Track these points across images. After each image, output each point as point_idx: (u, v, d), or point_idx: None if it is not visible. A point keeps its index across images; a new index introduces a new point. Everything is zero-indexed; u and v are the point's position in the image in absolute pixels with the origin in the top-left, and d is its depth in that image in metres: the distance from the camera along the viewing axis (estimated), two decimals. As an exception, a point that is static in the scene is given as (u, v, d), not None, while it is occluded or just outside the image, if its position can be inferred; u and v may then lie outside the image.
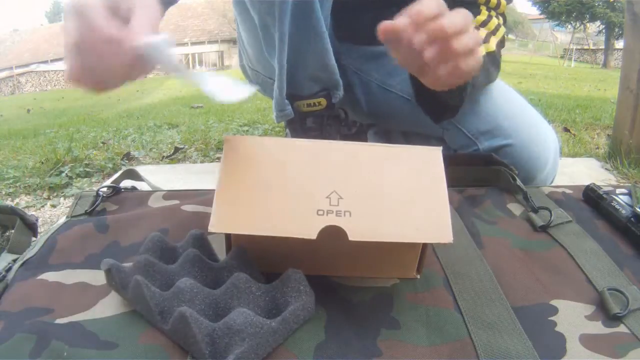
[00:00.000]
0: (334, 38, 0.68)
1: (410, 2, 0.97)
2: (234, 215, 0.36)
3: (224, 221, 0.36)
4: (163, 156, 1.40)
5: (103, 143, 1.65)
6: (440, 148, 0.40)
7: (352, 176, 0.38)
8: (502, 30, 0.66)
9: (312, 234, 0.35)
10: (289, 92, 0.71)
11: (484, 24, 0.64)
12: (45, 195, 1.13)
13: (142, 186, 0.65)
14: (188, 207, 0.54)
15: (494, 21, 0.65)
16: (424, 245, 0.41)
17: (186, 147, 1.48)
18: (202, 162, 1.34)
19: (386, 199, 0.37)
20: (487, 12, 0.65)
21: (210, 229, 0.36)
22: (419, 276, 0.42)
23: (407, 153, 0.39)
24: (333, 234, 0.35)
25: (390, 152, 0.39)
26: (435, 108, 0.62)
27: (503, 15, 0.67)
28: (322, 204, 0.36)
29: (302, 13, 0.62)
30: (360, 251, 0.38)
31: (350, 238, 0.35)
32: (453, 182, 0.57)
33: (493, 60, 0.63)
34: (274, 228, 0.35)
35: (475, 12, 0.64)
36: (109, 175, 1.24)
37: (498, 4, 0.65)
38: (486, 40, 0.62)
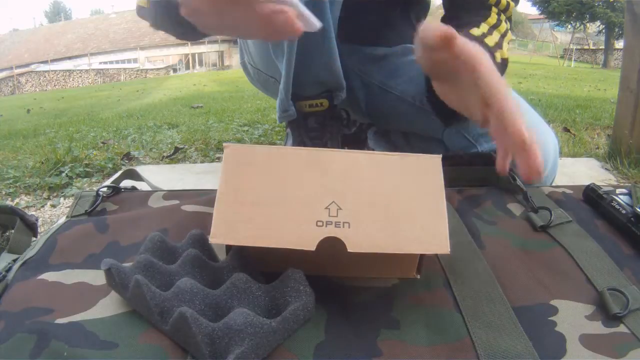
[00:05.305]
0: (337, 39, 0.67)
1: (414, 3, 0.96)
2: (234, 226, 0.36)
3: (224, 232, 0.36)
4: (163, 156, 1.40)
5: (103, 143, 1.65)
6: (440, 156, 0.40)
7: (351, 186, 0.38)
8: (510, 35, 0.66)
9: (312, 246, 0.35)
10: (292, 93, 0.72)
11: (494, 26, 0.63)
12: (45, 195, 1.13)
13: (142, 186, 0.65)
14: (188, 207, 0.54)
15: (504, 25, 0.64)
16: None
17: (186, 147, 1.48)
18: (202, 162, 1.34)
19: (385, 209, 0.37)
20: (496, 16, 0.64)
21: (211, 240, 0.36)
22: (419, 276, 0.42)
23: (406, 162, 0.39)
24: (332, 245, 0.35)
25: (390, 160, 0.39)
26: (447, 112, 0.61)
27: (509, 19, 0.67)
28: (321, 214, 0.36)
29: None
30: (362, 255, 0.38)
31: (349, 249, 0.35)
32: (453, 182, 0.57)
33: (504, 67, 0.62)
34: (273, 239, 0.36)
35: (486, 13, 0.63)
36: (109, 175, 1.24)
37: (507, 7, 0.65)
38: (500, 46, 0.61)
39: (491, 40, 0.60)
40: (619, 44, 14.43)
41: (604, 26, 15.61)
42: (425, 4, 0.93)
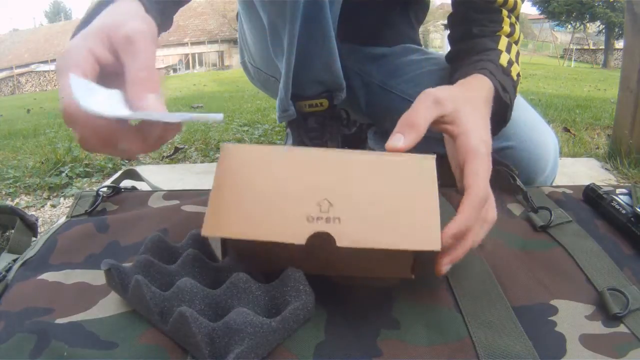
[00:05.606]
0: (336, 39, 0.67)
1: (413, 3, 0.95)
2: (226, 220, 0.37)
3: (215, 225, 0.36)
4: (163, 156, 1.40)
5: (103, 143, 1.65)
6: (434, 156, 0.40)
7: (344, 184, 0.38)
8: (522, 38, 0.65)
9: (302, 240, 0.35)
10: (292, 93, 0.72)
11: (509, 35, 0.62)
12: (45, 195, 1.13)
13: (142, 186, 0.65)
14: (188, 207, 0.54)
15: (517, 31, 0.63)
16: None
17: (186, 147, 1.48)
18: (202, 162, 1.34)
19: (376, 206, 0.37)
20: (509, 20, 0.63)
21: (203, 232, 0.36)
22: (413, 276, 0.42)
23: (400, 161, 0.39)
24: (322, 240, 0.35)
25: (383, 160, 0.39)
26: None
27: (517, 17, 0.66)
28: (312, 210, 0.36)
29: (313, 17, 0.62)
30: (354, 252, 0.38)
31: (338, 244, 0.35)
32: (453, 182, 0.57)
33: (518, 82, 0.60)
34: (264, 233, 0.36)
35: (498, 18, 0.62)
36: (109, 175, 1.24)
37: (515, 6, 0.64)
38: (516, 61, 0.59)
39: (515, 70, 0.58)
40: (619, 44, 14.43)
41: (604, 26, 15.62)
42: (424, 4, 0.93)
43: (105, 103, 0.31)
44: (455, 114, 0.42)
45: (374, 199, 0.37)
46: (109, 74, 0.35)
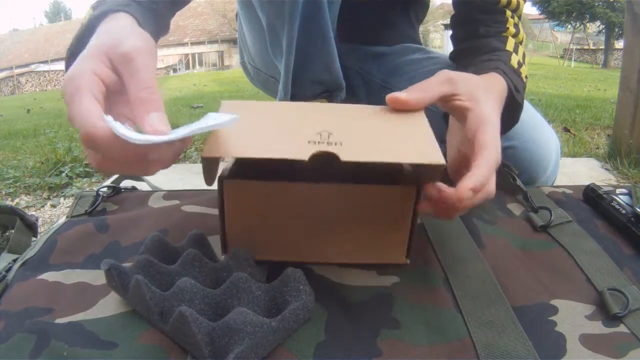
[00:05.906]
0: (336, 39, 0.67)
1: (414, 3, 0.95)
2: (227, 143, 0.36)
3: (216, 147, 0.36)
4: (163, 156, 1.40)
5: (103, 143, 1.65)
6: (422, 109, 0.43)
7: (342, 121, 0.41)
8: (525, 39, 0.65)
9: (305, 156, 0.35)
10: (292, 93, 0.72)
11: (514, 36, 0.62)
12: (45, 195, 1.13)
13: (142, 186, 0.65)
14: (188, 207, 0.54)
15: (521, 32, 0.63)
16: (412, 226, 0.41)
17: (186, 147, 1.48)
18: (202, 162, 1.34)
19: (375, 135, 0.39)
20: (512, 21, 0.62)
21: (203, 154, 0.35)
22: (408, 261, 0.42)
23: (390, 109, 0.43)
24: (325, 159, 0.35)
25: (376, 108, 0.44)
26: None
27: (520, 18, 0.66)
28: (313, 137, 0.37)
29: (311, 17, 0.62)
30: (347, 229, 0.40)
31: (343, 159, 0.35)
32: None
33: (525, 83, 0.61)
34: (265, 151, 0.35)
35: (502, 19, 0.62)
36: (109, 175, 1.24)
37: (517, 6, 0.63)
38: (523, 62, 0.59)
39: (524, 72, 0.58)
40: (619, 44, 14.43)
41: (604, 26, 15.62)
42: (424, 3, 0.93)
43: (131, 133, 0.32)
44: (469, 94, 0.43)
45: (371, 130, 0.40)
46: (114, 93, 0.35)
